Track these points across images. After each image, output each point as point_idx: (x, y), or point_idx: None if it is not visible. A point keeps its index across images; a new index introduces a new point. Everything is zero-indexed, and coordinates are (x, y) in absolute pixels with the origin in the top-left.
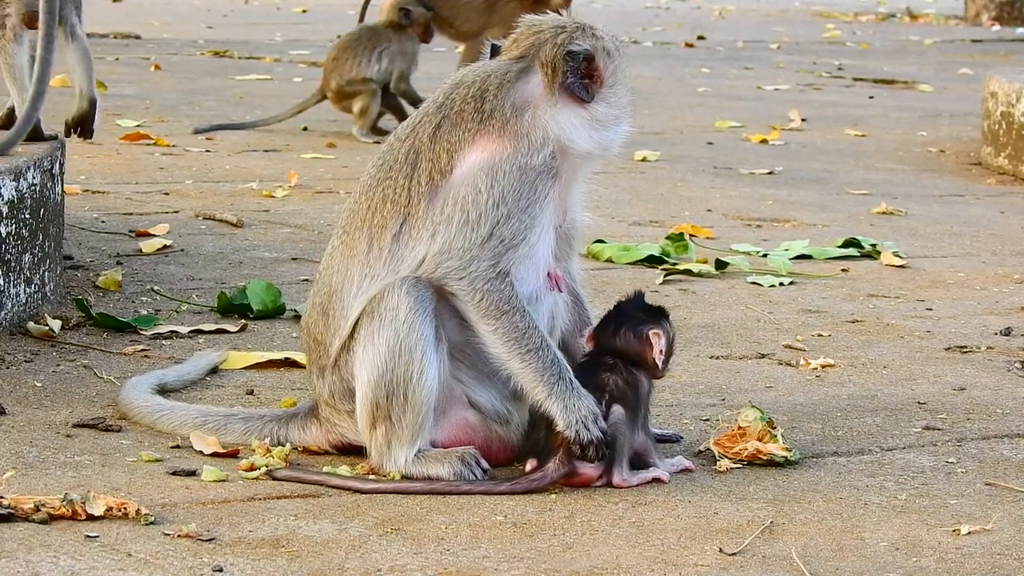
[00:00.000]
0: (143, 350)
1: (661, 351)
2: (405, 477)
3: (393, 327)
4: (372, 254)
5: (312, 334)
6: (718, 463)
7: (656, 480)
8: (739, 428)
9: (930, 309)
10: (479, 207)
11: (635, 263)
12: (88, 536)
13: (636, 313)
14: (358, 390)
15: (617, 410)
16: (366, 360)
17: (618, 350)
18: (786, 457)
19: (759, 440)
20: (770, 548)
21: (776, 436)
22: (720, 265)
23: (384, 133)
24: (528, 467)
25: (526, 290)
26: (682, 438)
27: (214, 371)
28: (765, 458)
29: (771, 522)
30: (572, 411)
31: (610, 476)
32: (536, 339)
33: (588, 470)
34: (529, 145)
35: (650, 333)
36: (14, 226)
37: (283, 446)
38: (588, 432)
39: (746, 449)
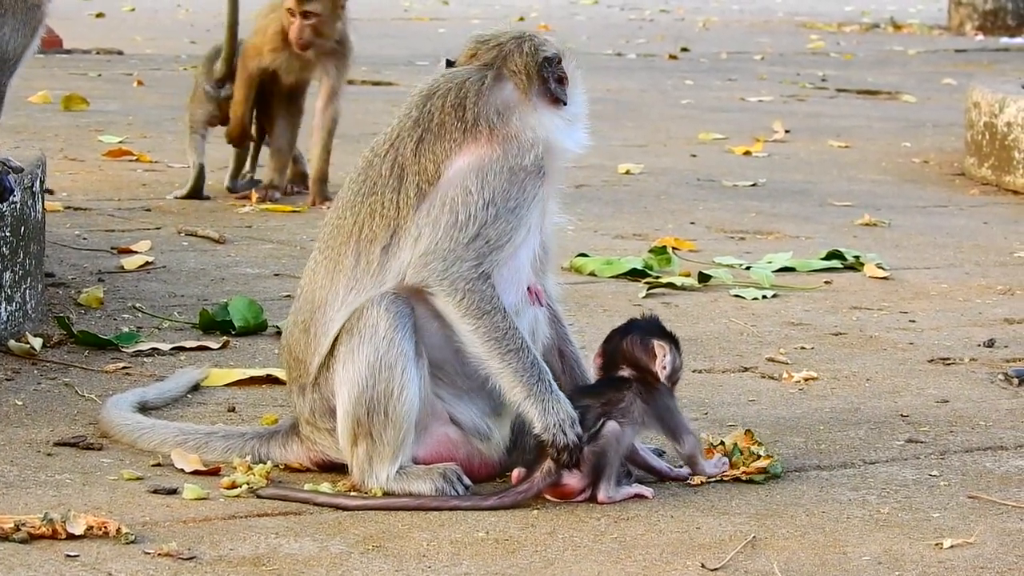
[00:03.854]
0: (124, 368)
1: (664, 365)
2: (387, 494)
3: (373, 343)
4: (360, 268)
5: (292, 352)
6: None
7: (639, 496)
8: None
9: (913, 321)
10: (469, 207)
11: (618, 276)
12: (68, 555)
13: (649, 328)
14: (339, 407)
15: (611, 426)
16: (346, 377)
17: (624, 356)
18: (766, 471)
19: (746, 447)
20: (752, 563)
21: (758, 452)
22: (703, 278)
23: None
24: (515, 476)
25: (507, 303)
26: (663, 453)
27: (195, 388)
28: (745, 479)
29: (754, 537)
30: (550, 414)
31: (596, 491)
32: (517, 340)
33: (573, 482)
34: (519, 147)
35: (656, 344)
36: None
37: (264, 464)
38: (565, 436)
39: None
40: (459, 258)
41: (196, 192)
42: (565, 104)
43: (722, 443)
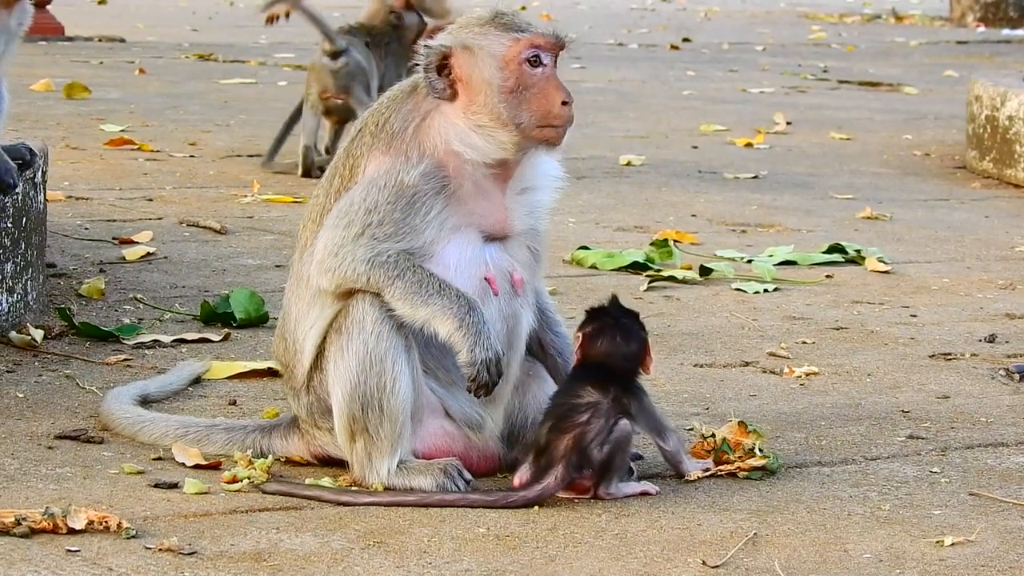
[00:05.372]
0: (126, 360)
1: (652, 357)
2: (388, 489)
3: (361, 339)
4: (299, 272)
5: (279, 358)
6: (691, 473)
7: (644, 493)
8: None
9: (914, 316)
10: (351, 215)
11: (619, 269)
12: (69, 550)
13: (623, 320)
14: (334, 406)
15: (623, 425)
16: (338, 376)
17: (612, 355)
18: (764, 468)
19: (739, 441)
20: (753, 560)
21: (752, 444)
22: (704, 271)
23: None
24: (517, 481)
25: None
26: (642, 456)
27: (197, 381)
28: (743, 475)
29: (754, 534)
30: (481, 349)
31: (598, 488)
32: (436, 283)
33: (584, 482)
34: (406, 160)
35: (647, 339)
36: None
37: (265, 458)
38: (488, 376)
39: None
40: (349, 251)
41: (306, 172)
42: (442, 99)
43: (713, 436)
